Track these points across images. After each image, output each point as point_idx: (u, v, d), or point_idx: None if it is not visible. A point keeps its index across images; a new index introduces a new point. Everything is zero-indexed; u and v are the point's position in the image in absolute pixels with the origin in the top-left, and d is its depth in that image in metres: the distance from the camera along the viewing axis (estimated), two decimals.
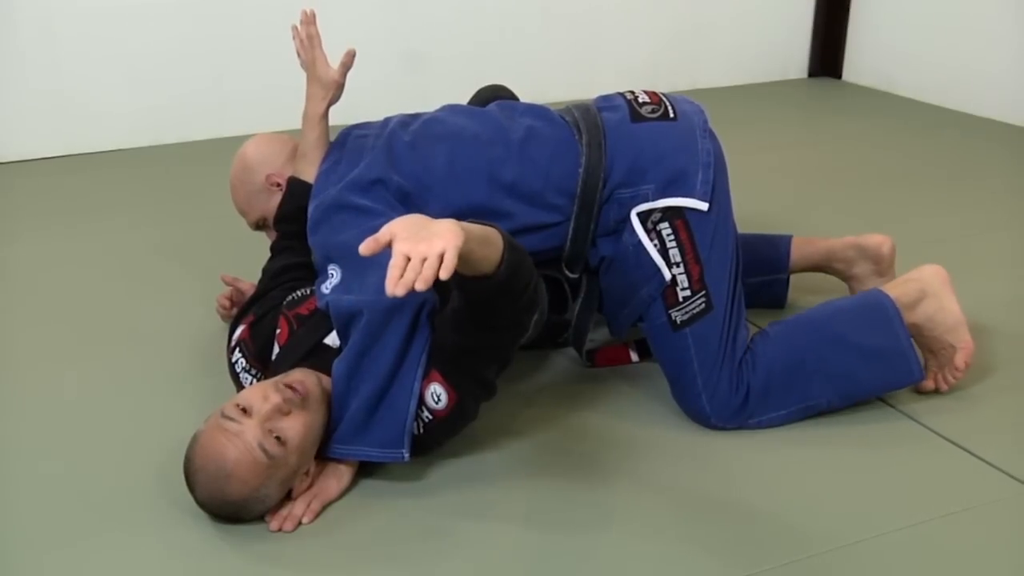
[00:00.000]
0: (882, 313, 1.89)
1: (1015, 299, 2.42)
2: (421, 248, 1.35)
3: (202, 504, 1.62)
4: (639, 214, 1.87)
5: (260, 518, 1.64)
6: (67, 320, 2.38)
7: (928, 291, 1.93)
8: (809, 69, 4.68)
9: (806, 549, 1.59)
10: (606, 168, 1.87)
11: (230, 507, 1.61)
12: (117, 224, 2.96)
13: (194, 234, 2.85)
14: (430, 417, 1.70)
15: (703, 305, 1.86)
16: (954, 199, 3.13)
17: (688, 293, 1.86)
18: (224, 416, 1.59)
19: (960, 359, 1.93)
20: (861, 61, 4.52)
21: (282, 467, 1.60)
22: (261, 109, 3.74)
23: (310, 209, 1.93)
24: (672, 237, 1.86)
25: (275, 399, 1.60)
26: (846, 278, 2.25)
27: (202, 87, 3.75)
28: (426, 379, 1.68)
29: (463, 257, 1.39)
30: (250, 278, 2.18)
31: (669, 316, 1.87)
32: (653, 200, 1.86)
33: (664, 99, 1.97)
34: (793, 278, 2.31)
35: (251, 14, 3.73)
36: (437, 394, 1.69)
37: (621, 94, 1.99)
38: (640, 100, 1.96)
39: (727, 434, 1.88)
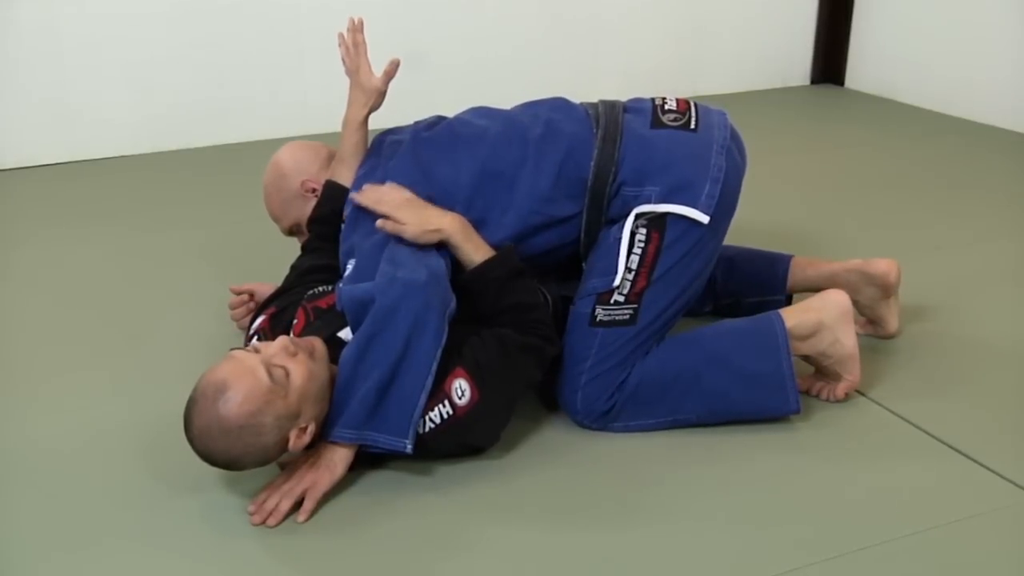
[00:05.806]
0: (771, 340, 1.89)
1: (1017, 306, 2.41)
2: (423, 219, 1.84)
3: (197, 438, 1.58)
4: (638, 214, 1.89)
5: (254, 466, 1.63)
6: (69, 324, 2.38)
7: (826, 323, 1.93)
8: (811, 76, 4.69)
9: (810, 556, 1.58)
10: (616, 163, 1.91)
11: (225, 436, 1.56)
12: (119, 230, 2.96)
13: (197, 239, 2.85)
14: (450, 412, 1.71)
15: (627, 317, 1.88)
16: (956, 206, 3.13)
17: (621, 299, 1.88)
18: (232, 350, 1.62)
19: (841, 390, 1.97)
20: (863, 68, 4.52)
21: (281, 399, 1.59)
22: (262, 116, 3.75)
23: (346, 213, 1.96)
24: (642, 245, 1.88)
25: (283, 340, 1.64)
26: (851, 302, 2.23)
27: (204, 94, 3.75)
28: (451, 374, 1.72)
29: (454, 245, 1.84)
30: (256, 281, 2.18)
31: (593, 309, 1.89)
32: (655, 203, 1.88)
33: (691, 110, 1.99)
34: (796, 298, 2.28)
35: (253, 21, 3.74)
36: (462, 389, 1.72)
37: (652, 99, 2.02)
38: (666, 107, 1.99)
39: (729, 439, 1.88)
